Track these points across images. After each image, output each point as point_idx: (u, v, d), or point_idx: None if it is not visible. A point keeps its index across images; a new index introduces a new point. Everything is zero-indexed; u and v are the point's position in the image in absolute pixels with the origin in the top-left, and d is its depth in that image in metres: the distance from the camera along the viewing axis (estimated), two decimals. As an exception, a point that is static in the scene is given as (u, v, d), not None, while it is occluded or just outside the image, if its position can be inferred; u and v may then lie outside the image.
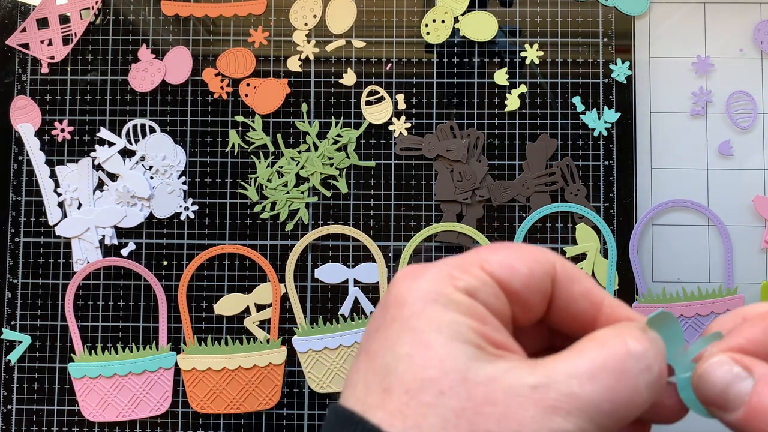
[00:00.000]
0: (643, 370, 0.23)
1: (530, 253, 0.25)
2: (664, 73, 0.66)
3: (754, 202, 0.65)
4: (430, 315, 0.23)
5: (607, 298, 0.26)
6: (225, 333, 0.65)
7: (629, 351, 0.23)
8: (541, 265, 0.25)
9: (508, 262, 0.25)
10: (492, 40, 0.66)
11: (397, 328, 0.23)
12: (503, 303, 0.25)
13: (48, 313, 0.65)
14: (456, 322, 0.23)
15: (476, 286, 0.24)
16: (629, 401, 0.22)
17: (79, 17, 0.67)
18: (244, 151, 0.66)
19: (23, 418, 0.65)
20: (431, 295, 0.23)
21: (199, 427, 0.64)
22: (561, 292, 0.25)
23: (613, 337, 0.23)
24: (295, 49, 0.67)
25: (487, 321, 0.24)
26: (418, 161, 0.66)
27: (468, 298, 0.24)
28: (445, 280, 0.24)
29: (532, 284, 0.25)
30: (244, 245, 0.65)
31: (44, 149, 0.66)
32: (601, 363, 0.22)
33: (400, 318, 0.23)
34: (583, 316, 0.26)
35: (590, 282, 0.26)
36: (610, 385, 0.22)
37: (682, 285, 0.64)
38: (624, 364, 0.22)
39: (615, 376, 0.22)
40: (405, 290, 0.24)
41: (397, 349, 0.23)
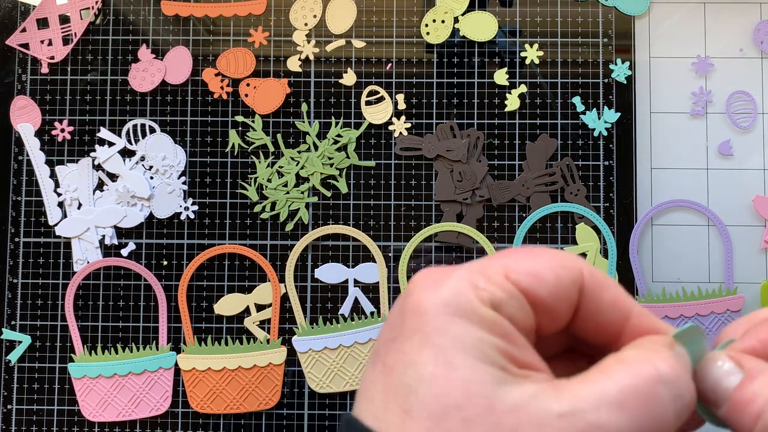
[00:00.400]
0: (675, 397, 0.22)
1: (557, 259, 0.24)
2: (664, 73, 0.66)
3: (754, 202, 0.65)
4: (454, 332, 0.22)
5: (635, 307, 0.25)
6: (225, 333, 0.65)
7: (660, 376, 0.22)
8: (568, 271, 0.24)
9: (534, 270, 0.23)
10: (492, 40, 0.66)
11: (417, 342, 0.22)
12: (528, 315, 0.24)
13: (48, 313, 0.65)
14: (481, 341, 0.22)
15: (502, 298, 0.23)
16: (656, 429, 0.21)
17: (79, 17, 0.67)
18: (244, 151, 0.66)
19: (23, 418, 0.65)
20: (454, 309, 0.22)
21: (199, 427, 0.64)
22: (588, 300, 0.24)
23: (641, 358, 0.22)
24: (295, 49, 0.67)
25: (512, 338, 0.23)
26: (418, 161, 0.66)
27: (493, 312, 0.23)
28: (469, 290, 0.23)
29: (559, 293, 0.24)
30: (244, 245, 0.65)
31: (44, 149, 0.66)
32: (631, 388, 0.21)
33: (421, 331, 0.22)
34: (610, 325, 0.25)
35: (619, 289, 0.25)
36: (638, 415, 0.21)
37: (682, 285, 0.64)
38: (654, 391, 0.21)
39: (645, 404, 0.21)
40: (425, 299, 0.23)
41: (419, 368, 0.22)
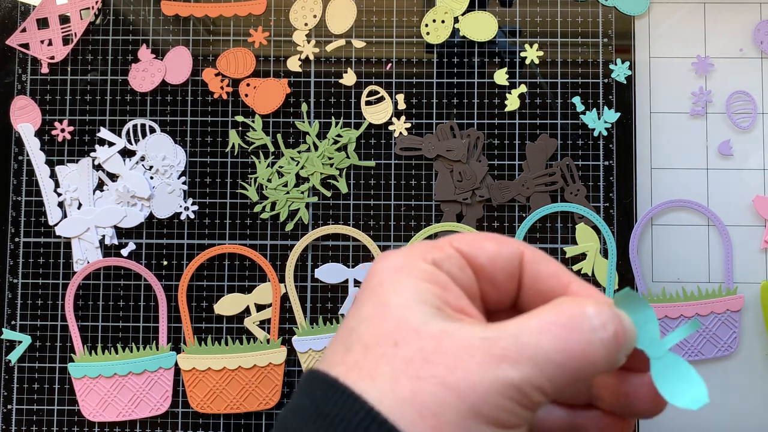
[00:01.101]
0: (598, 327, 0.23)
1: (499, 236, 0.27)
2: (664, 73, 0.66)
3: (754, 202, 0.65)
4: (394, 281, 0.24)
5: (575, 280, 0.26)
6: (225, 333, 0.65)
7: (584, 311, 0.23)
8: (508, 245, 0.26)
9: (476, 241, 0.26)
10: (492, 40, 0.66)
11: (365, 296, 0.25)
12: (468, 276, 0.26)
13: (48, 313, 0.65)
14: (417, 286, 0.24)
15: (442, 257, 0.25)
16: (582, 354, 0.22)
17: (79, 17, 0.67)
18: (244, 151, 0.66)
19: (23, 418, 0.65)
20: (398, 266, 0.25)
21: (199, 427, 0.64)
22: (529, 272, 0.26)
23: (571, 300, 0.24)
24: (295, 49, 0.67)
25: (449, 288, 0.25)
26: (418, 161, 0.66)
27: (432, 266, 0.25)
28: (415, 254, 0.25)
29: (498, 261, 0.26)
30: (244, 245, 0.65)
31: (44, 149, 0.66)
32: (554, 319, 0.23)
33: (369, 288, 0.25)
34: (552, 295, 0.26)
35: (559, 265, 0.26)
36: (561, 336, 0.22)
37: (682, 285, 0.64)
38: (577, 320, 0.23)
39: (567, 330, 0.22)
40: (377, 267, 0.26)
41: (361, 312, 0.24)
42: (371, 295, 0.25)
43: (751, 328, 0.64)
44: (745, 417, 0.64)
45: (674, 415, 0.64)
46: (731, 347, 0.63)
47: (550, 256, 0.27)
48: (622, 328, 0.23)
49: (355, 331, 0.24)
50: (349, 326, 0.24)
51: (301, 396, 0.23)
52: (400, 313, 0.23)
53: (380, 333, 0.23)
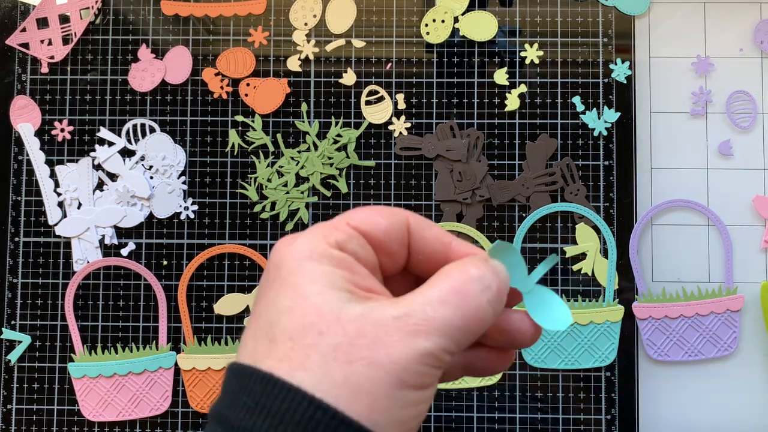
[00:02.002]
0: (484, 289, 0.26)
1: (387, 209, 0.29)
2: (664, 73, 0.66)
3: (754, 202, 0.65)
4: (306, 270, 0.26)
5: (454, 240, 0.30)
6: (225, 333, 0.65)
7: (470, 276, 0.27)
8: (397, 216, 0.29)
9: (369, 217, 0.28)
10: (492, 40, 0.66)
11: (277, 287, 0.26)
12: (369, 252, 0.28)
13: (48, 313, 0.65)
14: (328, 273, 0.26)
15: (345, 239, 0.27)
16: (476, 316, 0.26)
17: (79, 17, 0.67)
18: (244, 151, 0.66)
19: (23, 418, 0.65)
20: (306, 253, 0.26)
21: (199, 427, 0.64)
22: (415, 237, 0.29)
23: (458, 267, 0.27)
24: (295, 49, 0.67)
25: (356, 270, 0.27)
26: (418, 161, 0.66)
27: (338, 251, 0.27)
28: (319, 238, 0.27)
29: (392, 233, 0.28)
30: (244, 245, 0.65)
31: (44, 149, 0.66)
32: (449, 288, 0.26)
33: (279, 278, 0.26)
34: (437, 257, 0.29)
35: (439, 228, 0.30)
36: (457, 304, 0.26)
37: (682, 285, 0.64)
38: (467, 286, 0.26)
39: (461, 297, 0.26)
40: (282, 253, 0.27)
41: (278, 304, 0.25)
42: (284, 285, 0.26)
43: (751, 328, 0.64)
44: (745, 417, 0.64)
45: (675, 415, 0.64)
46: (731, 347, 0.63)
47: (429, 220, 0.30)
48: (500, 282, 0.27)
49: (276, 323, 0.25)
50: (269, 318, 0.25)
51: (235, 392, 0.25)
52: (319, 303, 0.25)
53: (304, 324, 0.24)
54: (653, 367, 0.64)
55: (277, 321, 0.25)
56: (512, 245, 0.29)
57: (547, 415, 0.64)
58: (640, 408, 0.64)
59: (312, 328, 0.24)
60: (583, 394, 0.64)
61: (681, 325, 0.63)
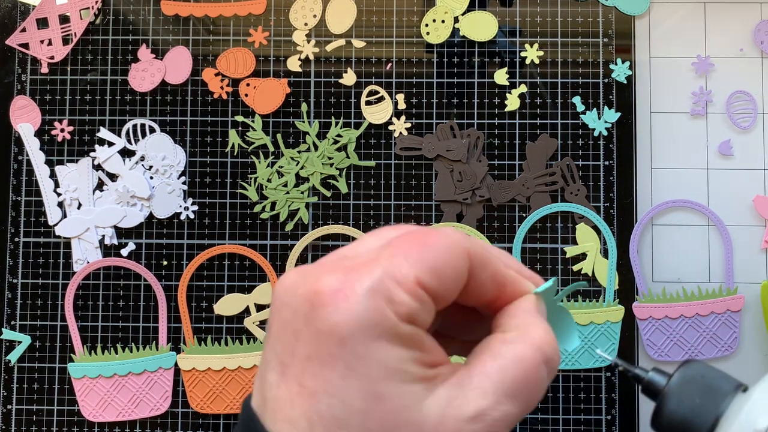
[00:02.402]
0: (551, 371, 0.25)
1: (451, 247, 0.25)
2: (664, 73, 0.66)
3: (754, 202, 0.65)
4: (377, 357, 0.22)
5: (508, 277, 0.27)
6: (225, 333, 0.65)
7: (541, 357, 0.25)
8: (461, 260, 0.25)
9: (438, 269, 0.24)
10: (492, 40, 0.66)
11: (341, 371, 0.22)
12: (433, 313, 0.25)
13: (48, 313, 0.65)
14: (402, 360, 0.23)
15: (416, 310, 0.23)
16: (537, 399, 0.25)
17: (78, 17, 0.67)
18: (244, 151, 0.66)
19: (23, 418, 0.65)
20: (374, 331, 0.22)
21: (199, 427, 0.64)
22: (472, 279, 0.26)
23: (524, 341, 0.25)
24: (295, 49, 0.67)
25: (426, 346, 0.24)
26: (418, 161, 0.66)
27: (411, 327, 0.23)
28: (385, 307, 0.23)
29: (457, 284, 0.25)
30: (244, 245, 0.65)
31: (44, 149, 0.66)
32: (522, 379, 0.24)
33: (343, 360, 0.22)
34: (489, 295, 0.27)
35: (495, 264, 0.26)
36: (527, 399, 0.24)
37: (682, 285, 0.64)
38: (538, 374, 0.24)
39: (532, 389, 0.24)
40: (340, 320, 0.22)
41: (347, 400, 0.22)
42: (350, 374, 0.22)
43: (751, 328, 0.64)
44: (745, 417, 0.64)
45: (674, 415, 0.64)
46: (731, 347, 0.63)
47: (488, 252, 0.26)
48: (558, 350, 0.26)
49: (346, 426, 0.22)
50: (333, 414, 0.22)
51: None
52: (395, 407, 0.22)
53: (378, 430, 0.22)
54: (653, 367, 0.64)
55: (348, 423, 0.22)
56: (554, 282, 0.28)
57: (547, 416, 0.64)
58: (640, 408, 0.64)
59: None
60: (583, 394, 0.64)
61: (681, 326, 0.63)
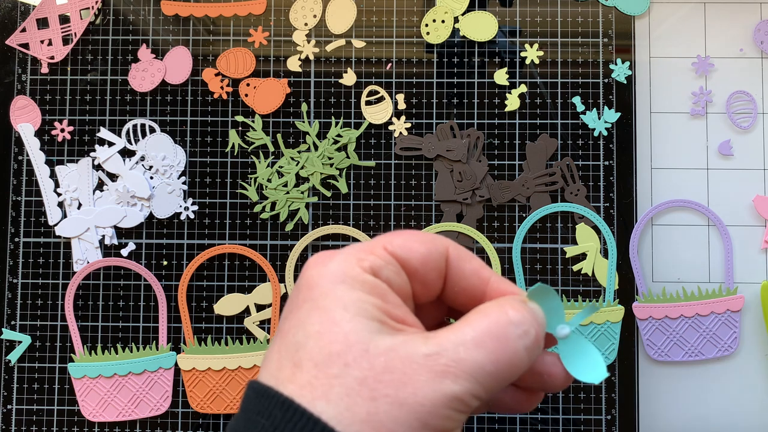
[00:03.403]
0: (522, 334, 0.25)
1: (427, 236, 0.28)
2: (664, 73, 0.66)
3: (754, 202, 0.65)
4: (338, 294, 0.25)
5: (493, 276, 0.29)
6: (225, 333, 0.65)
7: (509, 319, 0.25)
8: (436, 245, 0.28)
9: (408, 243, 0.27)
10: (492, 40, 0.66)
11: (307, 308, 0.25)
12: (404, 280, 0.27)
13: (48, 313, 0.65)
14: (360, 300, 0.25)
15: (380, 265, 0.26)
16: (510, 363, 0.25)
17: (79, 17, 0.67)
18: (244, 151, 0.66)
19: (23, 418, 0.65)
20: (339, 276, 0.26)
21: (199, 427, 0.64)
22: (453, 269, 0.28)
23: (496, 307, 0.26)
24: (295, 49, 0.67)
25: (389, 298, 0.26)
26: (418, 161, 0.66)
27: (372, 277, 0.26)
28: (353, 261, 0.26)
29: (429, 262, 0.27)
30: (244, 245, 0.65)
31: (44, 149, 0.66)
32: (485, 330, 0.25)
33: (311, 299, 0.25)
34: (473, 291, 0.28)
35: (479, 262, 0.29)
36: (492, 349, 0.25)
37: (682, 285, 0.64)
38: (504, 330, 0.25)
39: (497, 341, 0.25)
40: (315, 274, 0.26)
41: (307, 327, 0.25)
42: (314, 307, 0.25)
43: (751, 328, 0.64)
44: (745, 417, 0.64)
45: (674, 415, 0.64)
46: (731, 347, 0.63)
47: (470, 252, 0.29)
48: (539, 328, 0.26)
49: (302, 347, 0.24)
50: (296, 340, 0.25)
51: (254, 412, 0.24)
52: (348, 331, 0.24)
53: (331, 352, 0.24)
54: (653, 368, 0.64)
55: (304, 344, 0.24)
56: (552, 289, 0.27)
57: (547, 416, 0.64)
58: (640, 408, 0.64)
59: (338, 357, 0.24)
60: (583, 394, 0.64)
61: (681, 326, 0.63)
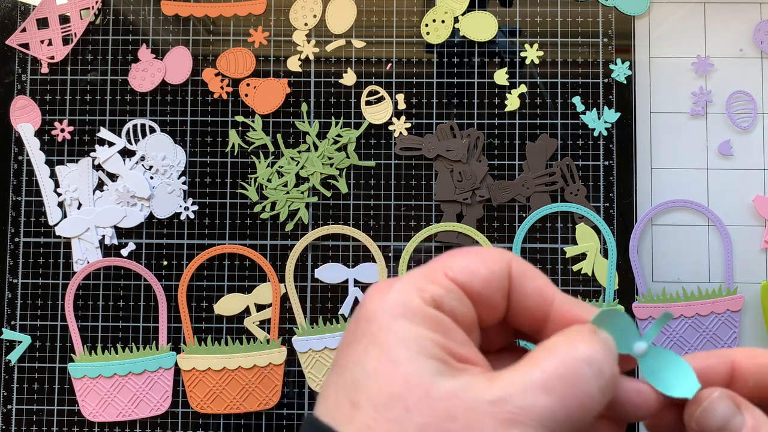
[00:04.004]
0: (595, 374, 0.23)
1: (488, 254, 0.26)
2: (664, 73, 0.66)
3: (754, 202, 0.65)
4: (397, 330, 0.24)
5: (557, 294, 0.27)
6: (225, 333, 0.65)
7: (581, 356, 0.23)
8: (498, 264, 0.26)
9: (469, 266, 0.26)
10: (492, 40, 0.66)
11: (365, 343, 0.24)
12: (468, 307, 0.25)
13: (48, 313, 0.65)
14: (421, 337, 0.23)
15: (441, 294, 0.25)
16: (583, 406, 0.23)
17: (79, 17, 0.67)
18: (244, 151, 0.66)
19: (23, 418, 0.65)
20: (398, 309, 0.24)
21: (199, 427, 0.64)
22: (516, 289, 0.26)
23: (564, 343, 0.24)
24: (295, 49, 0.67)
25: (451, 333, 0.24)
26: (418, 161, 0.66)
27: (434, 310, 0.24)
28: (413, 292, 0.25)
29: (492, 284, 0.26)
30: (244, 245, 0.65)
31: (44, 149, 0.66)
32: (554, 371, 0.23)
33: (369, 333, 0.24)
34: (536, 312, 0.26)
35: (543, 280, 0.27)
36: (563, 394, 0.23)
37: (682, 285, 0.64)
38: (576, 371, 0.23)
39: (568, 384, 0.23)
40: (374, 306, 0.25)
41: (365, 365, 0.23)
42: (373, 342, 0.24)
43: (751, 328, 0.64)
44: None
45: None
46: (731, 347, 0.63)
47: (534, 269, 0.27)
48: (613, 363, 0.24)
49: (360, 385, 0.23)
50: (354, 377, 0.24)
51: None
52: (409, 372, 0.23)
53: (390, 393, 0.23)
54: (653, 367, 0.64)
55: (362, 383, 0.23)
56: (621, 310, 0.25)
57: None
58: (640, 408, 0.64)
59: (399, 400, 0.22)
60: (583, 394, 0.64)
61: (681, 326, 0.63)
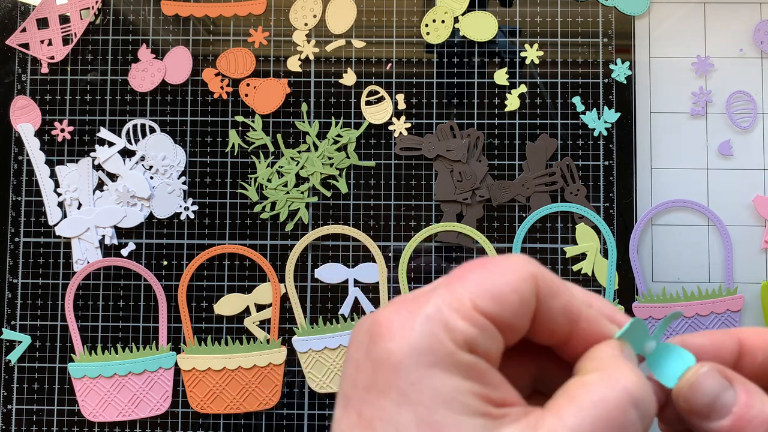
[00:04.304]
0: (641, 416, 0.22)
1: (513, 271, 0.24)
2: (664, 73, 0.66)
3: (754, 202, 0.65)
4: (433, 385, 0.21)
5: (583, 311, 0.25)
6: (225, 333, 0.65)
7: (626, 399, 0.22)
8: (527, 284, 0.23)
9: (498, 293, 0.23)
10: (492, 40, 0.66)
11: (395, 399, 0.21)
12: (499, 342, 0.23)
13: (48, 313, 0.65)
14: (460, 391, 0.21)
15: (474, 336, 0.22)
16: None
17: (79, 17, 0.67)
18: (244, 151, 0.66)
19: (23, 418, 0.65)
20: (429, 358, 0.22)
21: (199, 427, 0.64)
22: (542, 309, 0.24)
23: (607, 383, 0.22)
24: (295, 49, 0.67)
25: (488, 378, 0.23)
26: (418, 161, 0.66)
27: (469, 355, 0.22)
28: (441, 333, 0.22)
29: (523, 309, 0.24)
30: (244, 245, 0.65)
31: (44, 149, 0.66)
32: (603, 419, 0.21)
33: (397, 386, 0.21)
34: (560, 331, 0.25)
35: (568, 295, 0.25)
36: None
37: (682, 285, 0.64)
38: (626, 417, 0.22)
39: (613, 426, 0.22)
40: (397, 349, 0.22)
41: (399, 427, 0.21)
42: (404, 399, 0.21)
43: (751, 328, 0.64)
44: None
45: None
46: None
47: (560, 282, 0.25)
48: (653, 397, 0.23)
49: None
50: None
51: None
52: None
53: None
54: (653, 367, 0.64)
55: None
56: (641, 320, 0.25)
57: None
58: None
59: None
60: (583, 394, 0.64)
61: (681, 326, 0.63)
